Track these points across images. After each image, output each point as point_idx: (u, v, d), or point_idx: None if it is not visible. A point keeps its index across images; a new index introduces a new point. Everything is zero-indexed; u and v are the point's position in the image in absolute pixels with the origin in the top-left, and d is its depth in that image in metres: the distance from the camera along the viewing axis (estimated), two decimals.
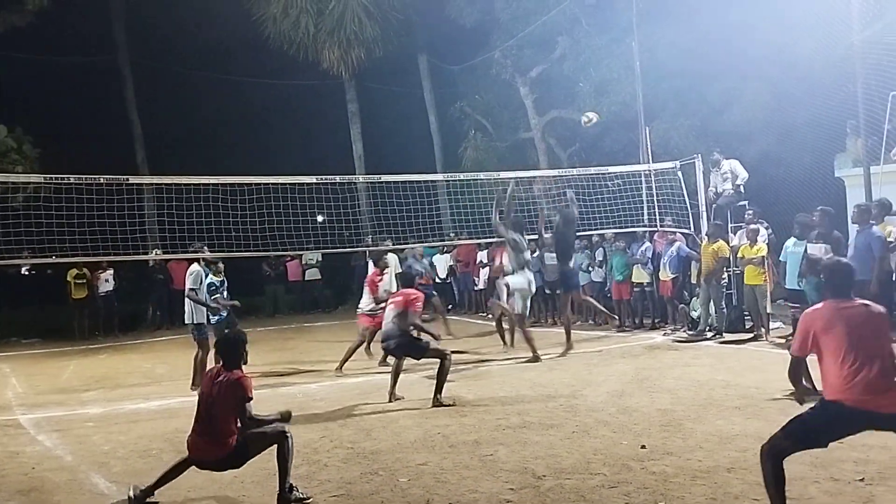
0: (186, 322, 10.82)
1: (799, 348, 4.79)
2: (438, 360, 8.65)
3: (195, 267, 10.81)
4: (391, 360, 9.56)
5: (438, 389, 8.52)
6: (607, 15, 18.20)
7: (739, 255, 12.54)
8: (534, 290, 11.98)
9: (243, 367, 5.62)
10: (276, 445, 5.45)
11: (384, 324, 9.00)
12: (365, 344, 12.05)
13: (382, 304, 11.05)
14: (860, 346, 4.52)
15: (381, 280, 11.89)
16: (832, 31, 13.27)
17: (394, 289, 12.33)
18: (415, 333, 8.85)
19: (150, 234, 16.21)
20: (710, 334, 12.71)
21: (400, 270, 12.86)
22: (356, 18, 22.35)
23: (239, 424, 5.43)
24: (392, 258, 13.02)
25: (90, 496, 5.79)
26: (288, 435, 5.46)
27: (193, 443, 5.56)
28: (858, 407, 4.45)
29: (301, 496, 5.44)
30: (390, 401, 8.76)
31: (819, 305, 4.82)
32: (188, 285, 10.62)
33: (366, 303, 11.81)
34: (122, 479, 6.16)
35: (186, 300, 10.65)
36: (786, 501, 4.54)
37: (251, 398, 5.43)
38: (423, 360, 9.09)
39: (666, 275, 13.66)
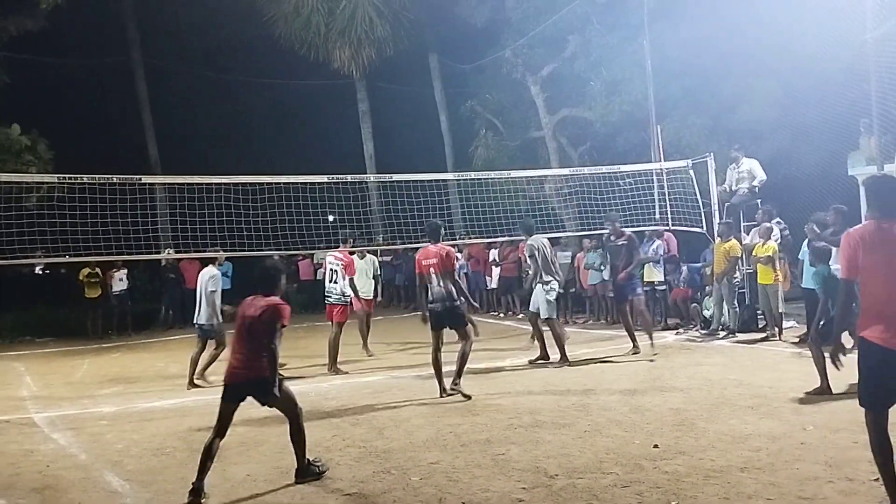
0: (203, 322, 10.69)
1: (848, 269, 4.59)
2: (461, 342, 8.89)
3: (214, 269, 10.81)
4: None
5: (458, 374, 8.72)
6: (618, 13, 18.15)
7: (752, 253, 12.50)
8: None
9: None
10: (288, 421, 5.83)
11: (434, 287, 8.89)
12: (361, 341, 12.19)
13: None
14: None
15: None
16: (845, 29, 13.19)
17: (368, 285, 12.69)
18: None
19: (162, 233, 16.29)
20: (722, 333, 12.67)
21: (377, 272, 13.17)
22: (367, 18, 22.42)
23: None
24: (370, 259, 13.00)
25: (104, 494, 5.82)
26: (300, 411, 5.90)
27: (231, 368, 5.79)
28: (889, 347, 4.34)
29: (320, 468, 5.83)
30: (441, 395, 8.73)
31: (865, 223, 4.65)
32: (210, 288, 10.52)
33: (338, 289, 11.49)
34: (135, 477, 6.19)
35: (204, 300, 10.60)
36: (894, 472, 4.39)
37: (285, 325, 5.73)
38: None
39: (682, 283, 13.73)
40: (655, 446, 6.20)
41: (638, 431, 6.76)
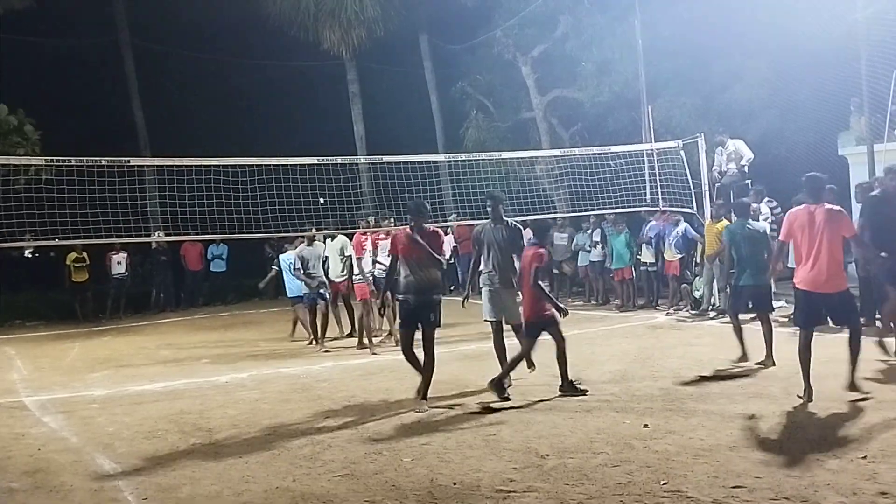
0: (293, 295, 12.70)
1: (785, 235, 6.96)
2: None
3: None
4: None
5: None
6: None
7: None
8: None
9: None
10: (556, 346, 7.72)
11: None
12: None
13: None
14: (818, 243, 6.61)
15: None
16: (835, 8, 13.17)
17: (337, 268, 12.51)
18: None
19: (151, 216, 16.20)
20: (712, 314, 12.71)
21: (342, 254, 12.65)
22: None
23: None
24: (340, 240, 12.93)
25: (95, 477, 5.81)
26: (565, 338, 7.79)
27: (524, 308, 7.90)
28: (812, 291, 6.70)
29: (581, 387, 7.59)
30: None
31: (801, 206, 6.82)
32: (295, 265, 12.18)
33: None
34: (126, 460, 6.20)
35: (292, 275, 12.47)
36: (809, 369, 6.76)
37: (539, 266, 7.71)
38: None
39: (672, 255, 13.64)
40: (646, 426, 6.24)
41: (628, 411, 6.80)
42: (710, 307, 12.88)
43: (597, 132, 19.33)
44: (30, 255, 24.61)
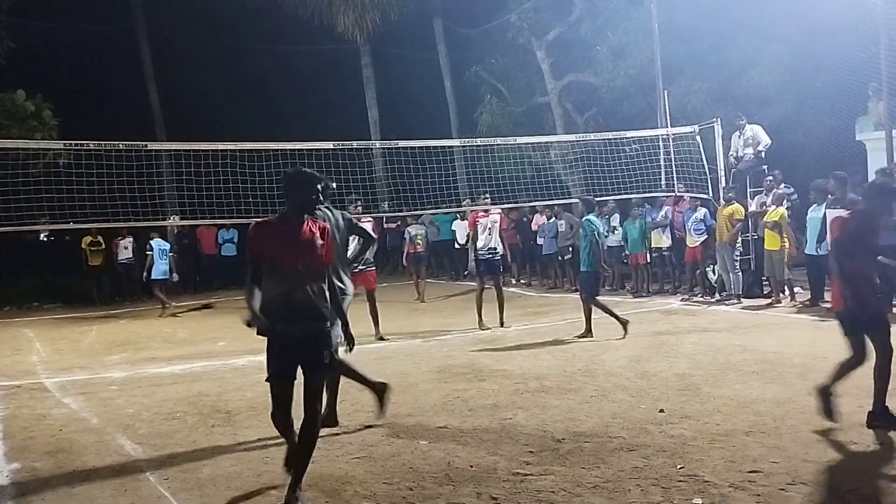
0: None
1: None
2: None
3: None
4: None
5: None
6: None
7: (764, 219, 12.46)
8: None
9: None
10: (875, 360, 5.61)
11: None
12: None
13: None
14: None
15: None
16: None
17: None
18: None
19: (168, 200, 16.29)
20: (730, 300, 12.69)
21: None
22: None
23: None
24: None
25: (117, 457, 5.89)
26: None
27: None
28: None
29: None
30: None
31: None
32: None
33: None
34: (147, 440, 6.27)
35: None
36: None
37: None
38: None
39: (693, 240, 13.59)
40: (661, 411, 6.26)
41: (644, 396, 6.82)
42: (728, 293, 12.83)
43: (612, 117, 19.23)
44: (45, 239, 24.85)
